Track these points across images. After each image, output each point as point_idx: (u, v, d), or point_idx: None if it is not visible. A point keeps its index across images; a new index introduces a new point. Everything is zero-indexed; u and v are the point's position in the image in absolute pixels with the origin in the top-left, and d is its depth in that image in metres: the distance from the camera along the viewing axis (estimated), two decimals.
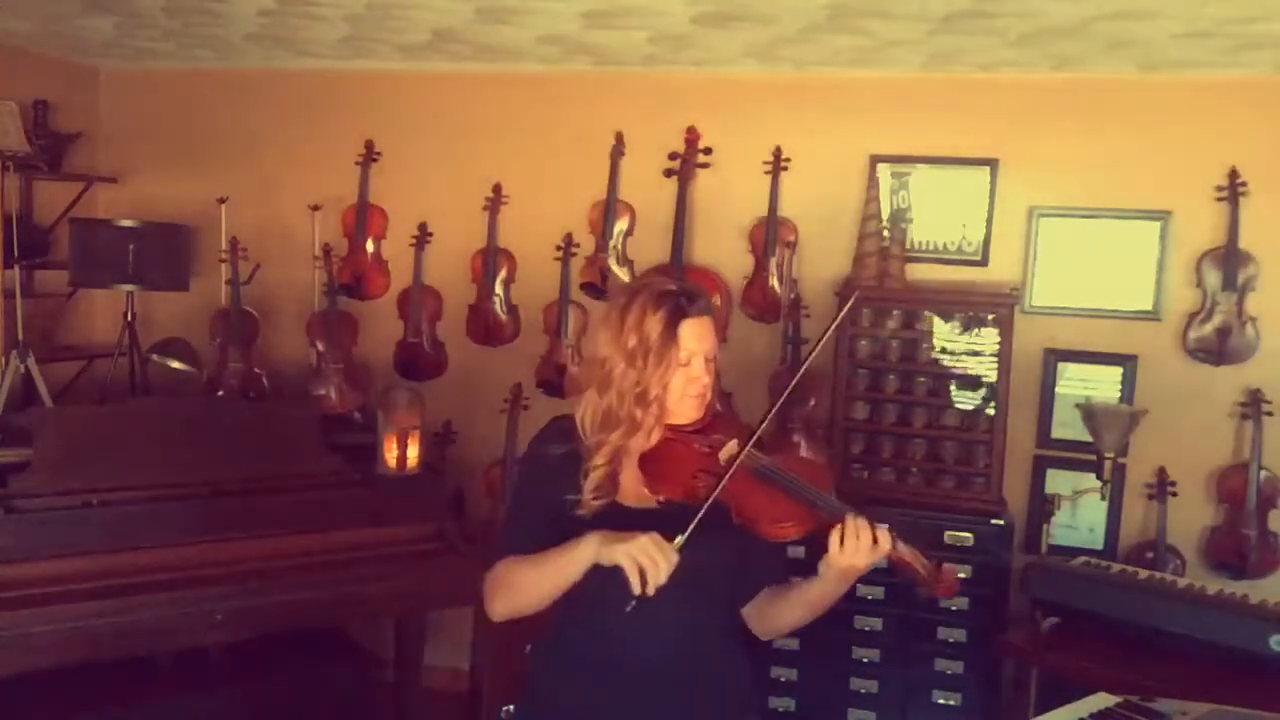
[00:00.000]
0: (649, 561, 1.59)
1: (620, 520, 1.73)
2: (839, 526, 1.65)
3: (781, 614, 1.83)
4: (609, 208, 4.13)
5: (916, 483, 3.71)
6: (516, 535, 1.85)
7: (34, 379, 3.78)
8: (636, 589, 1.59)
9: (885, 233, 3.84)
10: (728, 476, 1.69)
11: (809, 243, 4.02)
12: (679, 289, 1.80)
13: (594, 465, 1.78)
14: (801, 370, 1.95)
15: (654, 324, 1.75)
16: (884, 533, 1.65)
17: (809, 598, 1.77)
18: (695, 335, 1.77)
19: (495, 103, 4.28)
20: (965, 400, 3.68)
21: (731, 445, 1.77)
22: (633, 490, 1.79)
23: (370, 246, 4.38)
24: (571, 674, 1.82)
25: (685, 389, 1.79)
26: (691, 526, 1.63)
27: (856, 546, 1.63)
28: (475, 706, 3.85)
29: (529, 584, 1.77)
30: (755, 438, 1.76)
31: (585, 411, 1.83)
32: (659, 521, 1.66)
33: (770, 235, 3.99)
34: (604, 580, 1.66)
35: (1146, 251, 3.79)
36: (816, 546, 1.69)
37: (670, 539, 1.62)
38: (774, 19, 3.26)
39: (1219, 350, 3.70)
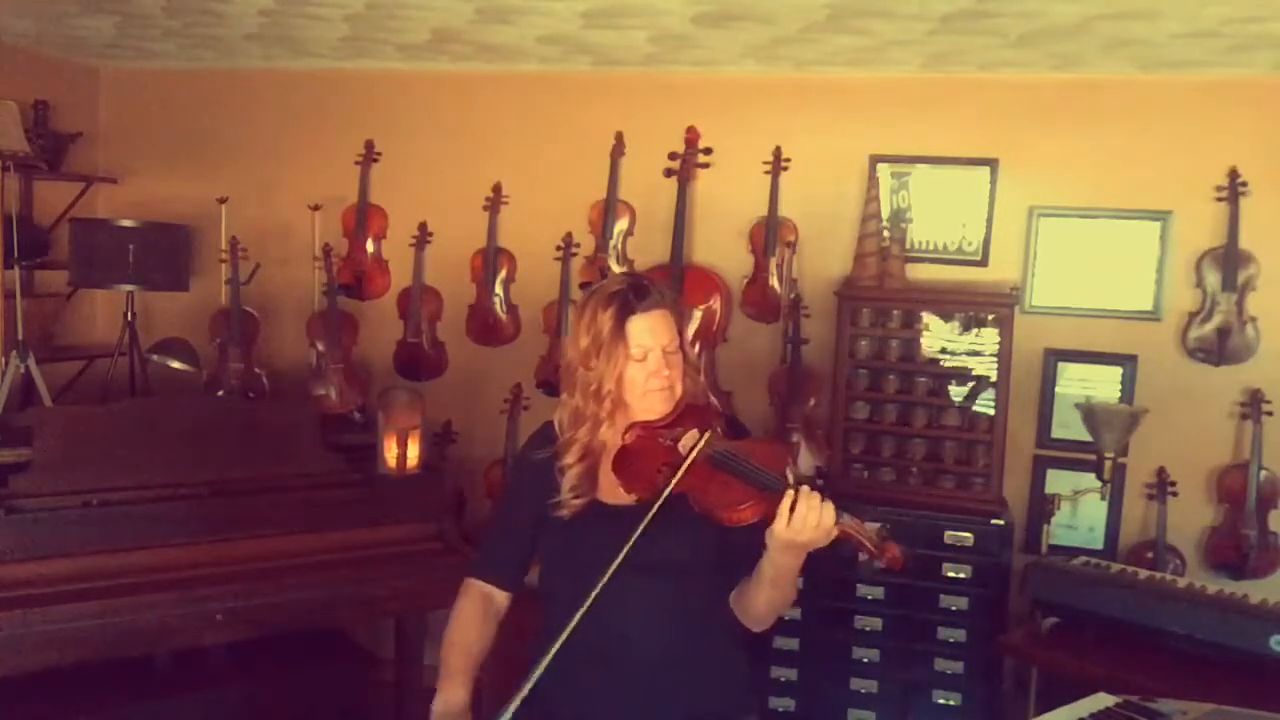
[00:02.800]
0: None
1: (598, 518, 1.77)
2: (783, 500, 1.65)
3: (752, 598, 1.84)
4: (609, 207, 4.13)
5: (916, 483, 3.71)
6: (488, 551, 2.01)
7: (34, 379, 3.77)
8: None
9: (885, 233, 3.84)
10: (683, 467, 1.71)
11: (809, 243, 4.02)
12: (628, 286, 1.83)
13: (565, 464, 1.83)
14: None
15: (604, 321, 1.80)
16: (829, 507, 1.65)
17: (765, 576, 1.77)
18: (646, 329, 1.80)
19: (495, 103, 4.28)
20: (965, 400, 3.68)
21: (691, 435, 1.77)
22: (610, 488, 1.82)
23: (370, 246, 4.38)
24: (569, 673, 1.82)
25: (647, 383, 1.82)
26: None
27: (803, 520, 1.63)
28: (475, 706, 3.84)
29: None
30: (714, 427, 1.78)
31: (560, 414, 1.90)
32: (635, 517, 1.68)
33: (770, 235, 3.99)
34: (567, 573, 1.72)
35: (1146, 251, 3.79)
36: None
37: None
38: (774, 19, 3.26)
39: (1219, 350, 3.70)
